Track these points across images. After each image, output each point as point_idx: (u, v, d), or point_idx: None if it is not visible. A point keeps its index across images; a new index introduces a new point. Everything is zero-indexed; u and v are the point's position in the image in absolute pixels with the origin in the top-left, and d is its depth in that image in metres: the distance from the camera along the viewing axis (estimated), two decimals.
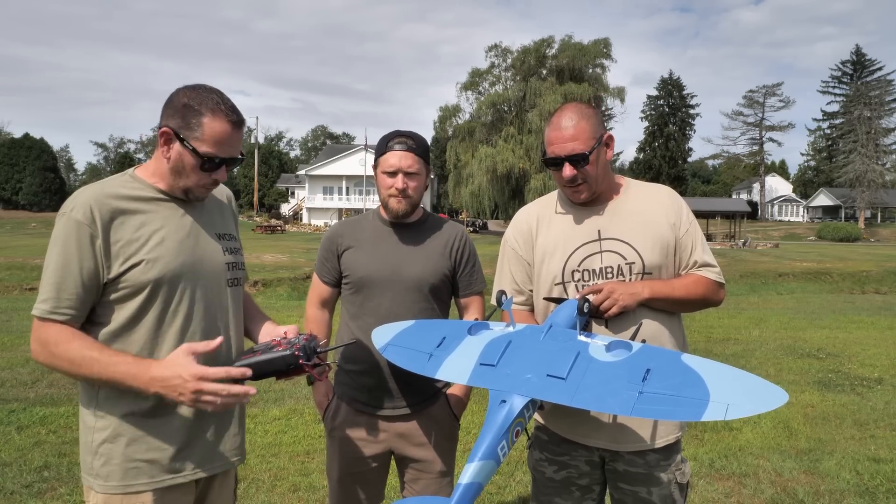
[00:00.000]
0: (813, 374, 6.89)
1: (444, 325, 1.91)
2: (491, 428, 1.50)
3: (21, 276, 14.52)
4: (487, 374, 1.63)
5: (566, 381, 1.53)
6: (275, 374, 1.69)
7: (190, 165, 1.64)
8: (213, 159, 1.63)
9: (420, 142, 2.22)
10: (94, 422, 1.65)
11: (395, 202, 2.19)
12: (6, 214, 52.78)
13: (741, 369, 1.50)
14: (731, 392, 1.41)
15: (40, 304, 1.57)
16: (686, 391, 1.44)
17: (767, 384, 1.44)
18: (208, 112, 1.61)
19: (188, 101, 1.62)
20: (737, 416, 1.36)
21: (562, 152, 1.91)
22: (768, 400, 1.40)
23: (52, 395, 5.61)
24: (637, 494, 1.97)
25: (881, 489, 3.89)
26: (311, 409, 5.20)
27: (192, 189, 1.69)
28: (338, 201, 56.41)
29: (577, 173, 1.91)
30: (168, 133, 1.63)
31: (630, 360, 1.55)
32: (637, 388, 1.46)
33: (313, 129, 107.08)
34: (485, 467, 1.45)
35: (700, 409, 1.39)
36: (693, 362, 1.52)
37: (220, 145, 1.62)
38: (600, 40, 44.93)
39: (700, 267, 2.00)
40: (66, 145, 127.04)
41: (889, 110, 60.16)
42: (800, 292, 16.50)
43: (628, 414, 1.43)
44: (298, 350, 1.66)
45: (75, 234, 1.57)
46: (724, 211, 43.94)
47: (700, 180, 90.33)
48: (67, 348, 1.54)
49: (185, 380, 1.48)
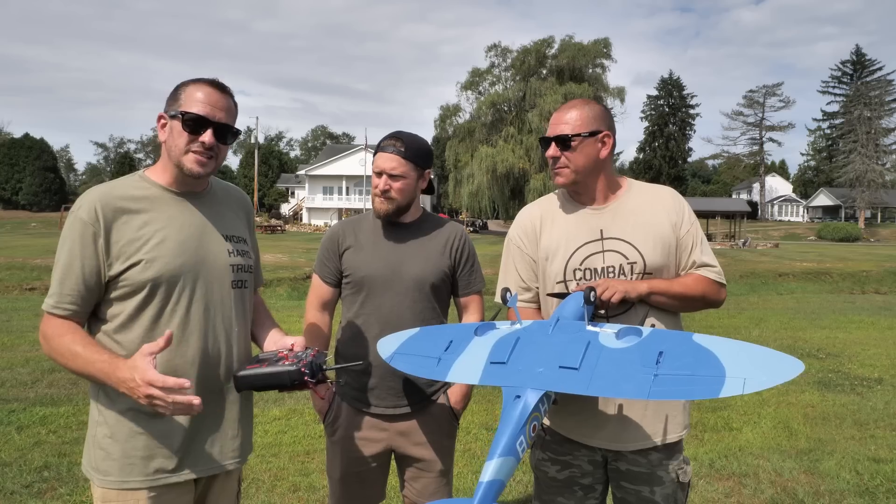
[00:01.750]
0: (813, 374, 6.89)
1: (450, 329, 1.90)
2: (508, 424, 1.49)
3: (21, 276, 14.51)
4: (499, 371, 1.62)
5: (579, 371, 1.51)
6: (278, 387, 1.71)
7: (177, 131, 1.68)
8: (196, 119, 1.66)
9: (411, 144, 2.20)
10: (97, 416, 1.68)
11: (379, 202, 2.23)
12: (6, 214, 52.82)
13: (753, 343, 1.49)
14: (745, 366, 1.40)
15: (49, 298, 1.63)
16: (701, 369, 1.42)
17: (781, 355, 1.42)
18: (190, 83, 1.72)
19: (176, 86, 1.73)
20: (754, 389, 1.35)
21: (551, 133, 1.99)
22: (783, 371, 1.38)
23: (52, 395, 5.61)
24: (639, 494, 1.97)
25: (881, 489, 3.88)
26: (310, 409, 5.20)
27: (183, 161, 1.69)
28: (338, 201, 56.44)
29: (559, 154, 1.96)
30: (162, 116, 1.72)
31: (641, 345, 1.54)
32: (652, 371, 1.45)
33: (313, 129, 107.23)
34: (505, 464, 1.44)
35: (717, 385, 1.38)
36: (705, 341, 1.51)
37: (200, 104, 1.68)
38: (600, 40, 44.96)
39: (699, 267, 2.00)
40: (66, 145, 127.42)
41: (889, 110, 60.15)
42: (800, 292, 16.49)
43: (646, 397, 1.42)
44: (305, 367, 1.67)
45: (80, 233, 1.62)
46: (724, 211, 43.92)
47: (700, 180, 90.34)
48: (60, 342, 1.59)
49: (138, 384, 1.47)
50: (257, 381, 1.70)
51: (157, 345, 1.50)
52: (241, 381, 1.72)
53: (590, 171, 1.98)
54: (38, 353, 7.27)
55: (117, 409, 1.65)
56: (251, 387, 1.72)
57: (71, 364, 1.58)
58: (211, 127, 1.67)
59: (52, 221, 42.29)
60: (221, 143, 1.71)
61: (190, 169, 1.70)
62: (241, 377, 1.72)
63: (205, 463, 1.75)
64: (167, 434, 1.67)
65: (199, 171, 1.70)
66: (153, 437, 1.66)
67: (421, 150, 2.23)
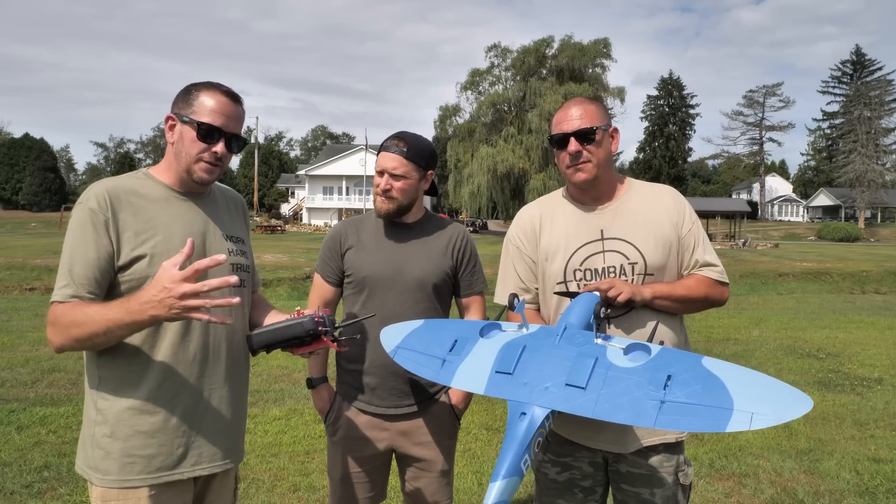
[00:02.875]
0: (813, 374, 6.89)
1: (455, 325, 1.87)
2: (512, 443, 1.44)
3: (21, 276, 14.51)
4: (505, 383, 1.57)
5: (586, 391, 1.48)
6: (293, 341, 1.71)
7: (189, 139, 1.70)
8: (210, 129, 1.69)
9: (414, 144, 2.20)
10: (95, 415, 1.68)
11: (380, 201, 2.23)
12: (6, 214, 52.82)
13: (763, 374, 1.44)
14: (754, 399, 1.35)
15: (60, 290, 1.60)
16: (708, 399, 1.38)
17: (791, 390, 1.37)
18: (204, 89, 1.73)
19: (186, 88, 1.75)
20: (762, 425, 1.30)
21: (569, 128, 1.93)
22: (793, 407, 1.33)
23: (52, 395, 5.61)
24: (640, 496, 1.97)
25: (881, 489, 3.89)
26: (310, 409, 5.19)
27: (194, 169, 1.72)
28: (338, 201, 56.41)
29: (581, 149, 1.92)
30: (170, 117, 1.73)
31: (650, 366, 1.50)
32: (658, 398, 1.41)
33: (313, 129, 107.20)
34: (510, 484, 1.40)
35: (724, 419, 1.33)
36: (714, 367, 1.47)
37: (214, 114, 1.70)
38: (600, 40, 44.92)
39: (702, 266, 2.00)
40: (67, 145, 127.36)
41: (889, 110, 60.15)
42: (800, 292, 16.49)
43: (651, 426, 1.38)
44: (318, 318, 1.69)
45: (90, 221, 1.63)
46: (724, 211, 43.91)
47: (700, 180, 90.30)
48: (72, 314, 1.56)
49: (169, 288, 1.43)
50: (273, 337, 1.70)
51: (183, 253, 1.47)
52: (256, 340, 1.73)
53: (607, 165, 1.99)
54: (38, 352, 7.27)
55: (117, 408, 1.65)
56: (266, 344, 1.72)
57: (87, 328, 1.53)
58: (223, 137, 1.71)
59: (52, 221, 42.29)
60: (230, 151, 1.75)
61: (200, 177, 1.74)
62: (255, 335, 1.73)
63: (204, 461, 1.76)
64: (167, 432, 1.68)
65: (207, 179, 1.75)
66: (153, 435, 1.66)
67: (424, 150, 2.23)
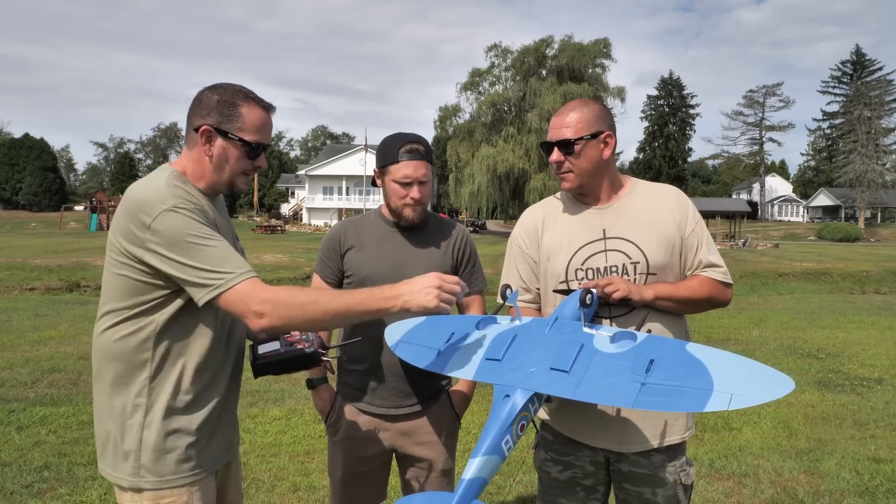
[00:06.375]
0: (813, 374, 6.89)
1: (454, 320, 1.90)
2: (495, 423, 1.49)
3: (21, 277, 14.52)
4: (492, 368, 1.63)
5: (569, 374, 1.51)
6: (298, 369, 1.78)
7: (235, 156, 1.70)
8: (257, 146, 1.71)
9: (426, 145, 2.22)
10: (141, 420, 1.65)
11: (410, 211, 2.20)
12: (6, 214, 52.85)
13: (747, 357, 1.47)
14: (735, 381, 1.38)
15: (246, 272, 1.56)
16: (689, 381, 1.41)
17: (773, 372, 1.40)
18: (243, 103, 1.69)
19: (220, 97, 1.68)
20: (741, 405, 1.33)
21: (553, 137, 1.97)
22: (773, 389, 1.36)
23: (52, 395, 5.61)
24: (641, 495, 1.97)
25: (881, 489, 3.88)
26: (310, 409, 5.19)
27: (236, 182, 1.74)
28: (338, 201, 56.41)
29: (563, 160, 1.95)
30: (209, 130, 1.67)
31: (634, 351, 1.53)
32: (640, 380, 1.44)
33: (313, 129, 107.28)
34: (489, 462, 1.45)
35: (703, 399, 1.36)
36: (697, 351, 1.50)
37: (260, 131, 1.71)
38: (600, 40, 44.90)
39: (705, 267, 1.99)
40: (67, 145, 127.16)
41: (889, 110, 60.15)
42: (800, 292, 16.49)
43: (631, 406, 1.41)
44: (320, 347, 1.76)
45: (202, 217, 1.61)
46: (724, 211, 43.89)
47: (700, 180, 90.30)
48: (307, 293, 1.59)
49: (434, 284, 1.56)
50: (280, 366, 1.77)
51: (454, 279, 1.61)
52: (261, 368, 1.78)
53: (594, 173, 1.97)
54: (38, 352, 7.28)
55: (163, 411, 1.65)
56: (272, 372, 1.79)
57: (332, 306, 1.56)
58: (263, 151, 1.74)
59: (52, 221, 42.29)
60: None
61: (241, 189, 1.77)
62: (261, 365, 1.77)
63: (227, 452, 1.82)
64: (203, 426, 1.70)
65: (245, 190, 1.80)
66: (192, 431, 1.68)
67: (431, 149, 2.25)
